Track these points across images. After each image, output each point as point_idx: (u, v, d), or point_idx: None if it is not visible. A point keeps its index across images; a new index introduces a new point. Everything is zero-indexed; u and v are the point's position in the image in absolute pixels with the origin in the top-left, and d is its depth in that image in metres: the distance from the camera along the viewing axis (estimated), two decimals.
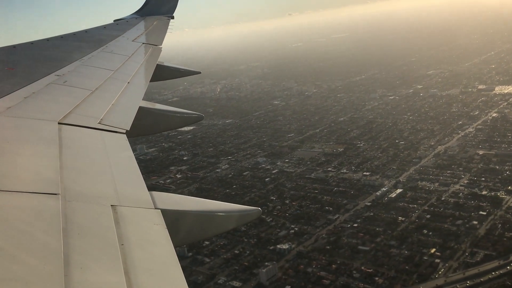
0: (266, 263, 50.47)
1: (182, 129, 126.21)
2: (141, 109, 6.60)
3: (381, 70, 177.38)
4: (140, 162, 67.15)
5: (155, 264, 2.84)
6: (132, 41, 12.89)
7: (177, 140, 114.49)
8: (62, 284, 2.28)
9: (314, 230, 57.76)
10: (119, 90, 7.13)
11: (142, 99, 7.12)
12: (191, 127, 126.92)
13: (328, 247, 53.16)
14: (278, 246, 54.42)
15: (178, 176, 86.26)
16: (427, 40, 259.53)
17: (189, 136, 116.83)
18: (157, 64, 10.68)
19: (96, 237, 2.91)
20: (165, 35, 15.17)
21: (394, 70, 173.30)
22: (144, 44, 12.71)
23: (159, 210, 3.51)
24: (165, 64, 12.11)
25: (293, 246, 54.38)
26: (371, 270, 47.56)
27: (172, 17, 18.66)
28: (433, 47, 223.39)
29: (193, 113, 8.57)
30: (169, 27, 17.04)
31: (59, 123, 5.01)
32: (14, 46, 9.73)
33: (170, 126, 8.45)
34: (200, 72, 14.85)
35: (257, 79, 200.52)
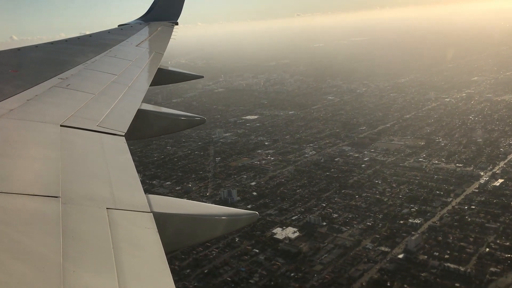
0: (412, 232, 56.84)
1: (248, 117, 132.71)
2: (143, 112, 6.88)
3: (422, 74, 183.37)
4: (222, 144, 76.92)
5: (143, 267, 2.93)
6: (136, 46, 13.17)
7: (247, 127, 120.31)
8: None
9: (434, 210, 64.00)
10: (119, 94, 7.31)
11: (148, 103, 7.49)
12: (255, 116, 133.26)
13: (456, 224, 59.46)
14: (410, 220, 60.69)
15: (271, 158, 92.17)
16: (454, 48, 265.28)
17: (258, 124, 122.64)
18: (162, 69, 11.13)
19: (89, 240, 3.00)
20: (168, 40, 15.43)
21: (436, 75, 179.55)
22: (147, 49, 13.21)
23: (151, 213, 3.57)
24: (169, 68, 12.58)
25: (422, 221, 60.66)
26: (508, 243, 53.95)
27: (176, 23, 18.99)
28: (465, 56, 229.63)
29: (196, 116, 8.67)
30: (173, 33, 17.30)
31: (61, 126, 5.14)
32: (18, 49, 10.00)
33: (172, 129, 8.48)
34: (203, 76, 14.96)
35: (297, 76, 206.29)
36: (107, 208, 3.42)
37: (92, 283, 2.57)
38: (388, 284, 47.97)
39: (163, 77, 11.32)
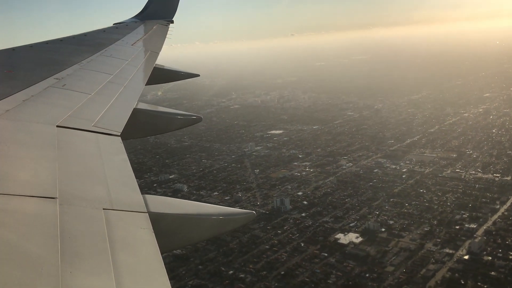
0: (475, 235, 59.98)
1: (273, 132, 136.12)
2: (139, 111, 6.94)
3: (434, 91, 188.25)
4: (256, 157, 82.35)
5: (139, 268, 2.96)
6: (132, 45, 13.18)
7: (275, 141, 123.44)
8: None
9: (485, 216, 67.20)
10: (115, 94, 7.34)
11: (144, 102, 7.57)
12: (280, 131, 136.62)
13: (511, 228, 62.73)
14: (465, 225, 63.85)
15: (310, 170, 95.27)
16: (457, 66, 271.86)
17: (286, 138, 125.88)
18: (157, 67, 11.22)
19: (86, 241, 3.01)
20: (164, 39, 15.55)
21: (447, 91, 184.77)
22: (143, 48, 13.20)
23: (147, 213, 3.59)
24: (165, 67, 12.63)
25: (477, 226, 63.82)
26: None
27: (172, 21, 18.93)
28: (470, 73, 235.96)
29: (192, 114, 8.73)
30: (168, 32, 17.50)
31: (57, 126, 5.16)
32: (13, 49, 9.93)
33: (169, 128, 8.51)
34: (198, 75, 15.00)
35: (310, 92, 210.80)
36: (103, 209, 3.45)
37: (89, 284, 2.61)
38: (462, 282, 50.87)
39: (159, 76, 11.49)
